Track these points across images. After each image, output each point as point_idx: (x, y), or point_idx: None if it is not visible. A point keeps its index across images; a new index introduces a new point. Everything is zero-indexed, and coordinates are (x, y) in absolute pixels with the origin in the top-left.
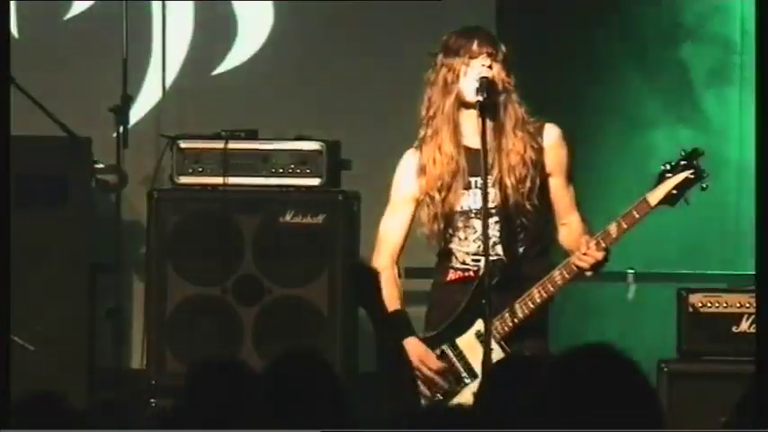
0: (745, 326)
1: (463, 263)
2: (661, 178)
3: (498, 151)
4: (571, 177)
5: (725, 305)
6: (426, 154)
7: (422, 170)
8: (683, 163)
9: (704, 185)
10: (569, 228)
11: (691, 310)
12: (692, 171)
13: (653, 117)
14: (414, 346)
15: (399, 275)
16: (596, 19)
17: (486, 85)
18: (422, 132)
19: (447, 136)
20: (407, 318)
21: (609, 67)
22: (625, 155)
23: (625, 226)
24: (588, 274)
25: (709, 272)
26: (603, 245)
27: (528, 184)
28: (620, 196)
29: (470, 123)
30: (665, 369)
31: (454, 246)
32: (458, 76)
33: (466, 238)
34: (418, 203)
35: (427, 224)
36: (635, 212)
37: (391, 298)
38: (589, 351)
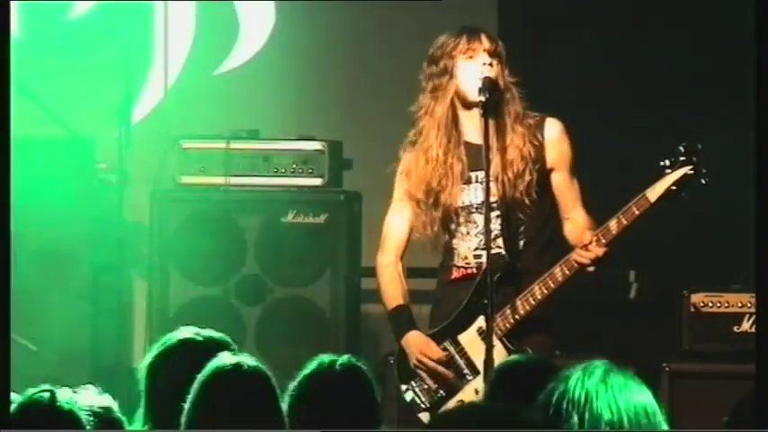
0: (746, 326)
1: (465, 259)
2: (660, 174)
3: (497, 147)
4: (574, 171)
5: (726, 305)
6: (411, 158)
7: (408, 173)
8: (682, 159)
9: (704, 181)
10: (574, 222)
11: (692, 309)
12: (691, 167)
13: (656, 115)
14: (415, 339)
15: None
16: (600, 17)
17: (489, 85)
18: (410, 135)
19: (436, 139)
20: (410, 313)
21: (612, 66)
22: (627, 153)
23: (625, 222)
24: (589, 269)
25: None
26: (603, 241)
27: (526, 178)
28: (624, 194)
29: (472, 121)
30: (667, 369)
31: (456, 241)
32: (451, 78)
33: (468, 233)
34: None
35: (419, 229)
36: (635, 208)
37: (395, 294)
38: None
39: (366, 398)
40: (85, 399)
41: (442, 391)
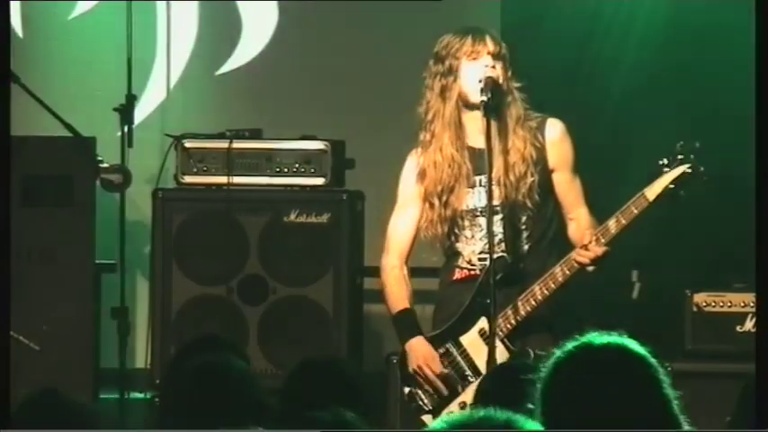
0: (749, 325)
1: (469, 262)
2: (658, 173)
3: (499, 150)
4: (576, 171)
5: (729, 305)
6: (426, 158)
7: (422, 174)
8: (680, 157)
9: (702, 179)
10: (577, 222)
11: (695, 309)
12: (689, 165)
13: (658, 112)
14: (419, 347)
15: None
16: (600, 16)
17: (492, 86)
18: (421, 136)
19: (448, 140)
20: (415, 317)
21: (613, 65)
22: (630, 151)
23: (624, 221)
24: (590, 269)
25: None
26: (603, 240)
27: (528, 180)
28: (625, 192)
29: (474, 123)
30: (669, 368)
31: (461, 245)
32: (455, 79)
33: (473, 237)
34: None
35: (429, 228)
36: (633, 208)
37: (400, 297)
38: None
39: None
40: None
41: (444, 394)
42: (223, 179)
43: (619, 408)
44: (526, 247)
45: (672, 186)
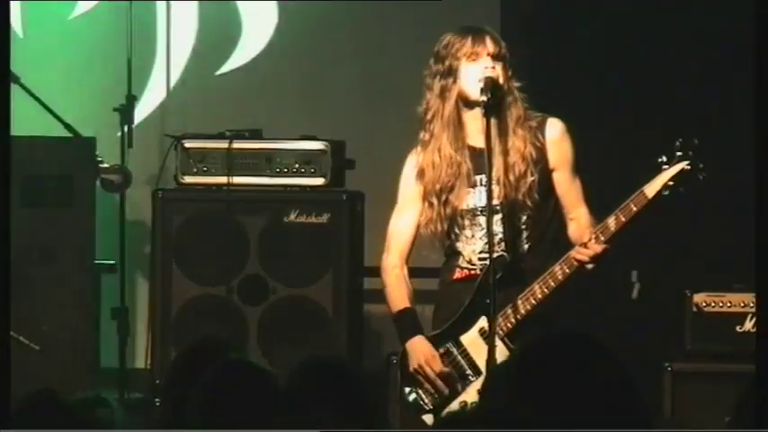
0: (749, 325)
1: (470, 262)
2: (657, 170)
3: (499, 150)
4: (576, 171)
5: (729, 305)
6: (425, 158)
7: (421, 173)
8: (678, 154)
9: (701, 176)
10: (578, 222)
11: (695, 309)
12: (688, 162)
13: (659, 111)
14: (420, 346)
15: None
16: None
17: (491, 85)
18: (421, 135)
19: (447, 140)
20: (416, 317)
21: (613, 63)
22: (631, 150)
23: (623, 219)
24: (589, 267)
25: None
26: (602, 238)
27: (528, 180)
28: (626, 192)
29: (474, 123)
30: (669, 369)
31: (461, 245)
32: (455, 80)
33: (473, 236)
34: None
35: (428, 225)
36: (633, 205)
37: (400, 297)
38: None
39: None
40: None
41: (445, 393)
42: (223, 179)
43: (583, 399)
44: (526, 246)
45: (671, 183)
